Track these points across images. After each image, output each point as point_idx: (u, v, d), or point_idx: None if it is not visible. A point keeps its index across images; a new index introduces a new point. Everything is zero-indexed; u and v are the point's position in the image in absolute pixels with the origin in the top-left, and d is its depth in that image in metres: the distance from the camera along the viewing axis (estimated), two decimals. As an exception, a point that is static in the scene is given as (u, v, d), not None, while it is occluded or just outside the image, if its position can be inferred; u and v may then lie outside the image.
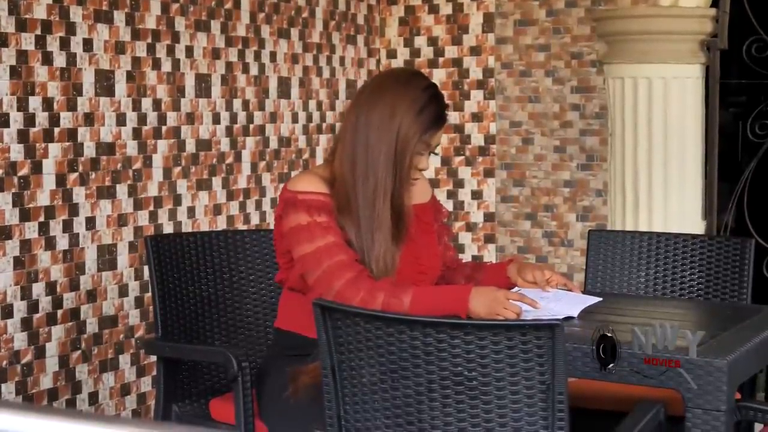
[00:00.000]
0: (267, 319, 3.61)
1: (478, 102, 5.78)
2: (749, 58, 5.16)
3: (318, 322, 2.50)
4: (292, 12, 5.28)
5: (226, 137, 4.91)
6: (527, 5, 5.66)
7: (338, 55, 5.62)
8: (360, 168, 3.01)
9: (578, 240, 5.53)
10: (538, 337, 2.32)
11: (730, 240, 3.86)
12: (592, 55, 5.54)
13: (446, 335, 2.35)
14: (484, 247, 5.79)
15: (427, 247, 3.21)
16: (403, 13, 5.91)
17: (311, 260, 2.96)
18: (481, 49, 5.76)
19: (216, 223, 4.85)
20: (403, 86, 3.04)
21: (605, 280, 3.92)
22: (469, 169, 5.81)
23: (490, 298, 2.88)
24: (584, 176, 5.59)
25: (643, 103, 5.28)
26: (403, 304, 2.85)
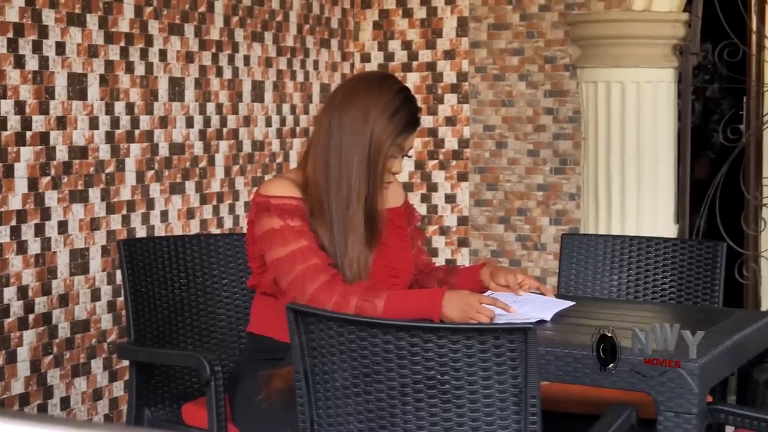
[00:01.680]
0: (240, 324, 3.60)
1: (451, 106, 5.78)
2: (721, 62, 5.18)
3: (291, 326, 2.49)
4: (266, 16, 5.27)
5: (200, 141, 4.89)
6: (501, 9, 5.67)
7: (312, 59, 5.62)
8: (333, 172, 3.01)
9: (551, 243, 5.55)
10: (510, 340, 2.33)
11: (702, 243, 3.87)
12: (565, 59, 5.55)
13: (419, 339, 2.35)
14: (457, 251, 5.80)
15: (400, 251, 3.21)
16: (377, 17, 5.91)
17: (284, 264, 2.96)
18: (455, 53, 5.77)
19: (189, 227, 4.84)
20: (375, 90, 3.04)
21: (578, 283, 3.93)
22: (442, 173, 5.82)
23: (463, 302, 2.88)
24: (557, 180, 5.61)
25: (616, 107, 5.30)
26: (376, 307, 2.85)
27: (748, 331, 2.98)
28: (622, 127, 5.29)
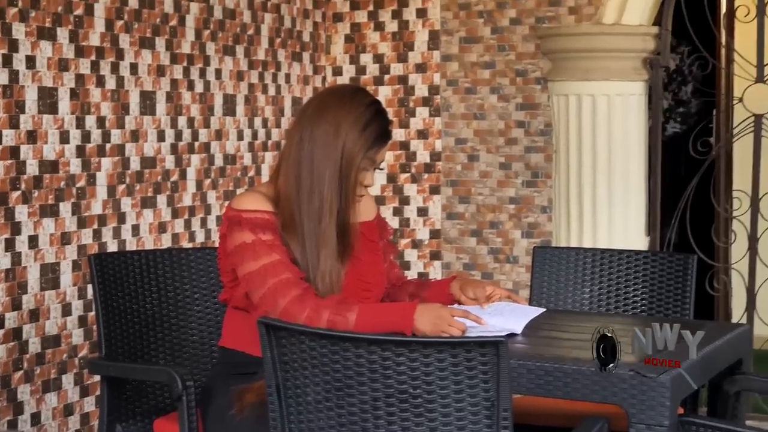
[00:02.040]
0: (212, 338, 3.59)
1: (423, 119, 5.79)
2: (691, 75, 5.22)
3: (263, 340, 2.49)
4: (238, 29, 5.27)
5: (171, 155, 4.88)
6: (472, 23, 5.69)
7: (284, 73, 5.62)
8: (305, 186, 3.01)
9: (523, 256, 5.56)
10: (482, 354, 2.33)
11: (673, 256, 3.89)
12: (536, 72, 5.57)
13: (391, 353, 2.35)
14: (430, 264, 5.80)
15: (372, 264, 3.21)
16: (348, 31, 5.92)
17: (256, 278, 2.95)
18: (426, 66, 5.78)
19: (161, 241, 4.82)
20: (346, 103, 3.04)
21: (550, 296, 3.94)
22: (414, 186, 5.83)
23: (435, 315, 2.89)
24: (529, 193, 5.62)
25: (587, 120, 5.32)
26: (348, 321, 2.85)
27: (719, 344, 2.99)
28: (593, 139, 5.31)
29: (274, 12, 5.52)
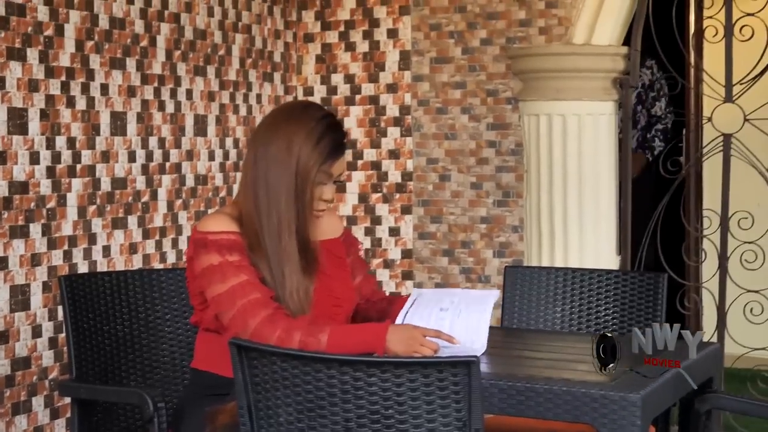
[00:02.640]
0: (183, 359, 3.58)
1: (395, 139, 5.80)
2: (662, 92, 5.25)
3: (234, 362, 2.48)
4: (209, 50, 5.27)
5: (142, 175, 4.87)
6: (443, 43, 5.70)
7: (255, 93, 5.62)
8: (263, 204, 3.01)
9: (495, 276, 5.57)
10: (454, 374, 2.33)
11: (644, 275, 3.90)
12: (507, 92, 5.59)
13: (363, 373, 2.35)
14: (402, 284, 5.80)
15: (341, 280, 3.21)
16: (319, 51, 5.93)
17: (225, 300, 2.95)
18: (397, 86, 5.79)
19: (132, 262, 4.81)
20: (298, 118, 3.05)
21: (522, 315, 3.95)
22: (386, 206, 5.83)
23: (407, 335, 2.89)
24: (500, 212, 5.63)
25: (557, 140, 5.34)
26: (320, 342, 2.85)
27: (690, 362, 3.00)
28: (564, 159, 5.33)
29: (245, 32, 5.52)
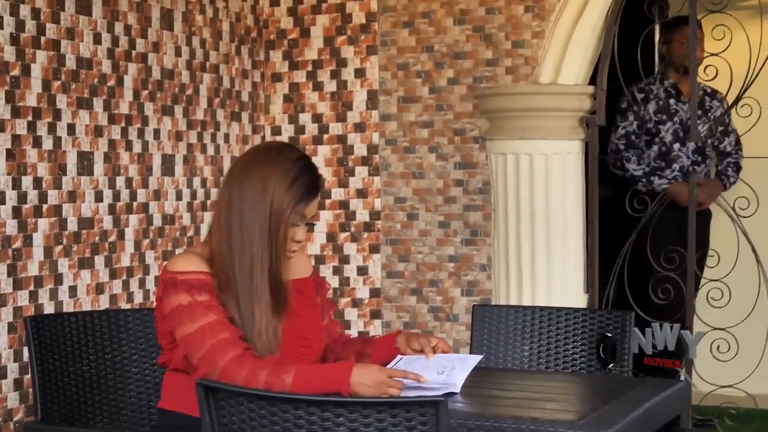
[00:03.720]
0: (151, 400, 3.56)
1: (362, 178, 5.81)
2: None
3: (201, 402, 2.47)
4: (176, 89, 5.27)
5: (109, 215, 4.86)
6: (410, 82, 5.73)
7: (223, 132, 5.62)
8: (236, 243, 3.01)
9: (463, 314, 5.57)
10: (422, 413, 2.33)
11: (611, 313, 3.91)
12: (474, 131, 5.61)
13: (330, 413, 2.34)
14: (370, 323, 5.79)
15: (310, 320, 3.20)
16: (287, 90, 5.94)
17: (195, 340, 2.94)
18: (365, 125, 5.81)
19: (98, 303, 4.78)
20: (273, 159, 3.06)
21: (490, 354, 3.95)
22: (354, 245, 5.83)
23: (372, 378, 2.87)
24: (468, 251, 5.64)
25: (525, 179, 5.36)
26: (284, 383, 2.84)
27: (657, 400, 3.01)
28: (532, 198, 5.35)
29: (213, 72, 5.53)
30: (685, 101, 5.93)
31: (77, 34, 4.68)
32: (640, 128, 5.93)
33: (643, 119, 5.91)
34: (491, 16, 5.56)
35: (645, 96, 5.98)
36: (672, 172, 5.89)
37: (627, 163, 5.93)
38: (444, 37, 5.66)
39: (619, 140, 5.93)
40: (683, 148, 5.92)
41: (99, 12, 4.80)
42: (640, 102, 5.94)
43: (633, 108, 5.93)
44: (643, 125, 5.92)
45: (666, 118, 5.94)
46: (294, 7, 5.91)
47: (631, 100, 5.92)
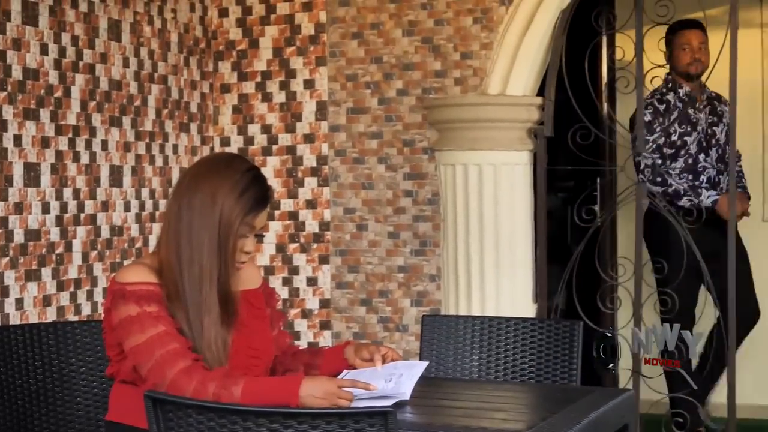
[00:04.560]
0: (98, 413, 3.54)
1: (312, 189, 5.81)
2: (574, 145, 5.31)
3: (149, 414, 2.46)
4: (124, 100, 5.24)
5: (56, 227, 4.82)
6: (359, 93, 5.74)
7: (171, 143, 5.59)
8: (185, 254, 3.00)
9: (413, 325, 5.57)
10: (371, 424, 2.33)
11: (560, 323, 3.94)
12: (423, 142, 5.63)
13: (279, 425, 2.34)
14: (319, 334, 5.79)
15: (259, 332, 3.20)
16: (236, 102, 5.93)
17: (143, 351, 2.93)
18: (314, 136, 5.80)
19: (45, 315, 4.74)
20: (222, 170, 3.06)
21: (439, 364, 3.96)
22: (304, 256, 5.82)
23: (321, 389, 2.87)
24: (418, 262, 5.65)
25: (473, 189, 5.38)
26: (233, 394, 2.83)
27: (605, 409, 3.03)
28: (480, 208, 5.37)
29: (161, 83, 5.51)
30: (701, 108, 5.84)
31: (23, 44, 4.65)
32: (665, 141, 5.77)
33: (667, 131, 5.75)
34: (440, 28, 5.58)
35: (666, 107, 5.80)
36: (700, 185, 5.76)
37: (670, 177, 5.69)
38: (393, 49, 5.67)
39: (653, 154, 5.65)
40: (707, 158, 5.82)
41: (45, 23, 4.77)
42: (663, 113, 5.77)
43: (658, 119, 5.74)
44: (668, 137, 5.77)
45: (690, 129, 5.79)
46: (243, 18, 5.91)
47: (654, 112, 5.73)
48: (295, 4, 5.83)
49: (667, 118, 5.75)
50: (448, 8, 5.57)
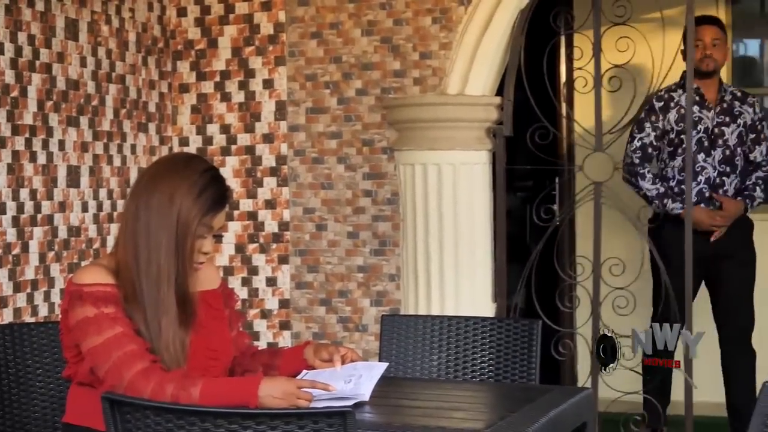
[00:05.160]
0: (56, 414, 3.52)
1: (271, 189, 5.79)
2: (533, 144, 5.33)
3: (107, 416, 2.45)
4: (82, 100, 5.21)
5: (13, 227, 4.79)
6: (319, 93, 5.73)
7: (130, 143, 5.57)
8: (143, 255, 2.99)
9: (372, 325, 5.57)
10: (330, 424, 2.33)
11: (519, 322, 3.95)
12: (383, 142, 5.63)
13: (238, 425, 2.33)
14: (279, 334, 5.78)
15: (218, 333, 3.19)
16: (195, 101, 5.91)
17: (101, 352, 2.91)
18: (273, 136, 5.79)
19: (2, 316, 4.71)
20: (180, 170, 3.05)
21: (399, 364, 3.96)
22: (263, 256, 5.81)
23: (280, 390, 2.87)
24: (377, 261, 5.65)
25: (433, 189, 5.39)
26: (191, 395, 2.82)
27: (563, 408, 3.04)
28: (440, 208, 5.38)
29: (119, 83, 5.48)
30: (711, 107, 5.70)
31: (-21, 43, 4.62)
32: (660, 139, 5.69)
33: (663, 129, 5.67)
34: (399, 28, 5.58)
35: (664, 104, 5.71)
36: (697, 185, 5.64)
37: (641, 180, 5.65)
38: (352, 48, 5.67)
39: (634, 153, 5.65)
40: (708, 158, 5.68)
41: (1, 22, 4.73)
42: (659, 111, 5.69)
43: (651, 118, 5.66)
44: (664, 136, 5.68)
45: None
46: (201, 17, 5.89)
47: (649, 110, 5.65)
48: (254, 4, 5.81)
49: (663, 116, 5.68)
50: (407, 8, 5.57)
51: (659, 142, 5.69)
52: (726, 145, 5.68)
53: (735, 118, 5.72)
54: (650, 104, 5.64)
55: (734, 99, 5.78)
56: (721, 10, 6.80)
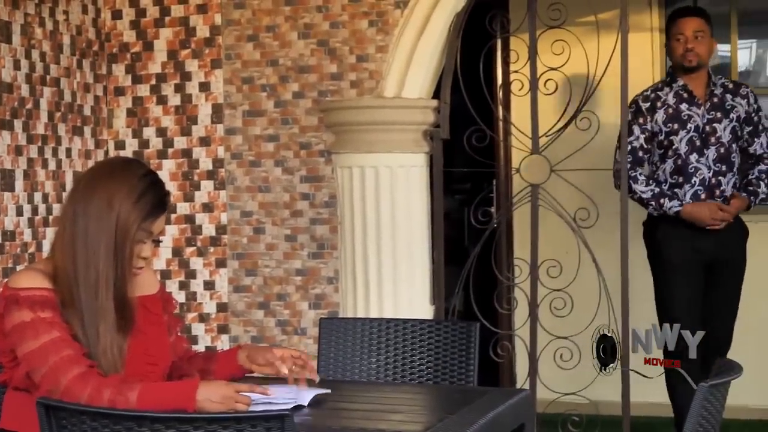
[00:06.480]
0: (-10, 421, 3.47)
1: (208, 192, 5.77)
2: (470, 147, 5.35)
3: (42, 422, 2.42)
4: (15, 103, 5.16)
5: (-54, 232, 4.73)
6: (255, 96, 5.71)
7: (65, 147, 5.52)
8: (81, 260, 2.97)
9: (311, 328, 5.57)
10: (267, 428, 2.32)
11: (457, 324, 3.96)
12: (320, 144, 5.63)
13: (175, 430, 2.32)
14: (217, 338, 5.75)
15: (156, 338, 3.18)
16: (131, 104, 5.87)
17: (37, 357, 2.89)
18: (210, 139, 5.77)
19: (-65, 322, 4.64)
20: (119, 175, 3.03)
21: (337, 367, 3.96)
22: (200, 260, 5.78)
23: (218, 394, 2.86)
24: (315, 264, 5.65)
25: (370, 192, 5.40)
26: (129, 400, 2.81)
27: (501, 409, 3.06)
28: (377, 211, 5.39)
29: (54, 86, 5.43)
30: (700, 104, 5.44)
31: None
32: (649, 141, 5.47)
33: (652, 131, 5.45)
34: (335, 30, 5.58)
35: (651, 105, 5.47)
36: (692, 188, 5.40)
37: (634, 183, 5.40)
38: (288, 51, 5.66)
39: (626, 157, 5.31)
40: (702, 158, 5.41)
41: (-66, 24, 4.68)
42: (646, 112, 5.47)
43: (638, 120, 5.46)
44: (653, 138, 5.46)
45: (678, 127, 5.42)
46: (137, 20, 5.85)
47: (636, 112, 5.47)
48: (189, 7, 5.78)
49: (650, 117, 5.48)
50: (343, 11, 5.58)
51: (649, 144, 5.48)
52: (719, 142, 5.42)
53: (727, 113, 5.45)
54: (636, 106, 5.49)
55: (726, 92, 5.50)
56: (654, 13, 6.87)
